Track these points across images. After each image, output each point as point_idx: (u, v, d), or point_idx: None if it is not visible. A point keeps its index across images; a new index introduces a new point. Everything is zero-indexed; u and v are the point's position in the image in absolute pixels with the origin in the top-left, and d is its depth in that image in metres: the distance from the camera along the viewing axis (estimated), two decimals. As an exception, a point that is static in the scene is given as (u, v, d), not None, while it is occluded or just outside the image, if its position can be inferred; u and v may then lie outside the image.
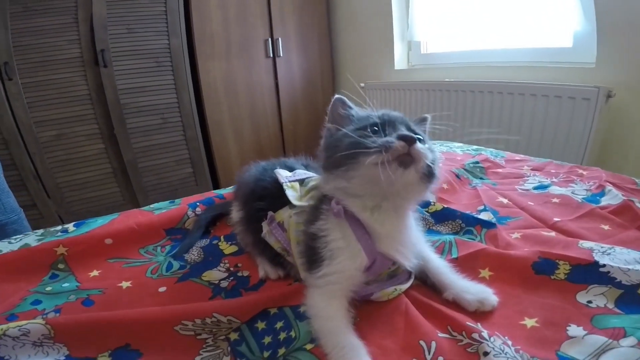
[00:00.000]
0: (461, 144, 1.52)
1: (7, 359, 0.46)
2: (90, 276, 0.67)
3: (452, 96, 1.95)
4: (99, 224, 0.85)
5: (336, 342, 0.45)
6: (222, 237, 0.78)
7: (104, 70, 2.00)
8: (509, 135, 1.73)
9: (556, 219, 0.79)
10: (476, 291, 0.54)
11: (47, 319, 0.51)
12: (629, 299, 0.52)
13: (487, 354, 0.43)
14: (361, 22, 2.54)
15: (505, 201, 0.90)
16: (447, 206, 0.82)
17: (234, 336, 0.54)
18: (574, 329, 0.48)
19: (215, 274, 0.66)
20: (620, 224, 0.77)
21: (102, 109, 2.08)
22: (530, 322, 0.51)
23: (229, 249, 0.74)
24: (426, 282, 0.59)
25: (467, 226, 0.76)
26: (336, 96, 0.55)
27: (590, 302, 0.53)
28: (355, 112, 0.55)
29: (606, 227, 0.77)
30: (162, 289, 0.63)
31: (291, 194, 0.58)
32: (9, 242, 0.78)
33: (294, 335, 0.51)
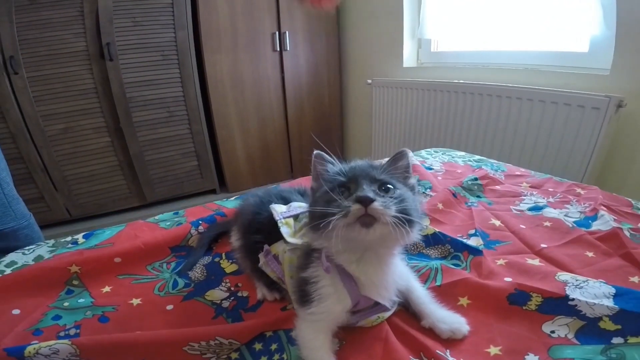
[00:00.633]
0: (463, 154, 1.54)
1: None
2: (102, 292, 0.73)
3: (459, 98, 1.95)
4: (107, 235, 0.91)
5: None
6: (223, 254, 0.83)
7: (110, 63, 2.02)
8: (513, 141, 1.74)
9: (543, 245, 0.83)
10: (451, 321, 0.59)
11: (72, 340, 0.57)
12: (589, 330, 0.57)
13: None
14: (371, 17, 2.51)
15: (497, 223, 0.94)
16: (438, 230, 0.85)
17: (234, 355, 0.60)
18: (531, 358, 0.53)
19: (217, 294, 0.72)
20: (604, 252, 0.80)
21: (108, 103, 2.11)
22: (494, 350, 0.56)
23: (229, 268, 0.79)
24: (408, 309, 0.64)
25: (455, 251, 0.80)
26: (315, 152, 0.57)
27: (553, 332, 0.58)
28: (330, 169, 0.56)
29: (590, 254, 0.80)
30: (170, 307, 0.69)
31: (285, 231, 0.62)
32: (23, 254, 0.83)
33: (286, 358, 0.58)
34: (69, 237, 0.90)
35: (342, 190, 0.51)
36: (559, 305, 0.61)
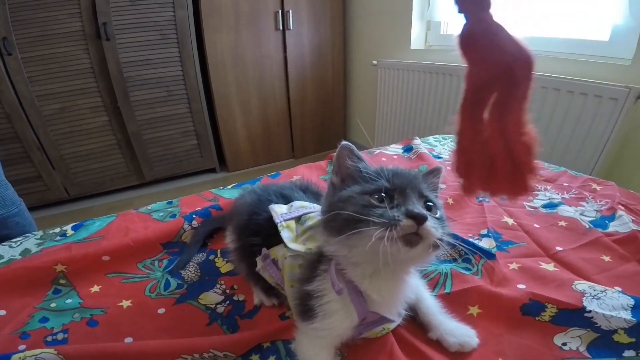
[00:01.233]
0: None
1: None
2: (91, 292, 0.69)
3: (469, 83, 1.87)
4: (97, 227, 0.87)
5: None
6: (218, 252, 0.78)
7: (107, 43, 1.94)
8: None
9: (558, 248, 0.79)
10: (460, 334, 0.56)
11: (58, 348, 0.53)
12: (602, 343, 0.55)
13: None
14: (378, -5, 2.38)
15: (510, 222, 0.89)
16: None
17: (230, 367, 0.56)
18: (540, 372, 0.50)
19: (211, 297, 0.68)
20: (622, 256, 0.77)
21: (105, 82, 2.04)
22: (502, 363, 0.52)
23: (225, 267, 0.75)
24: (415, 319, 0.60)
25: (466, 254, 0.76)
26: (343, 143, 0.49)
27: (564, 344, 0.55)
28: (364, 167, 0.50)
29: (607, 258, 0.76)
30: (161, 311, 0.65)
31: (286, 235, 0.57)
32: (10, 247, 0.80)
33: (284, 371, 0.54)
34: (57, 229, 0.86)
35: (381, 197, 0.46)
36: (574, 316, 0.59)
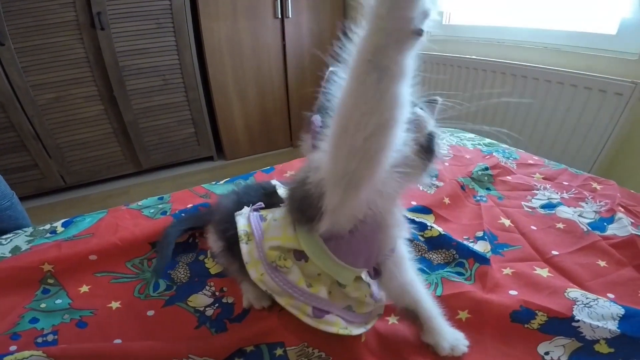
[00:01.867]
0: (473, 136, 1.45)
1: None
2: (80, 292, 0.68)
3: (470, 74, 1.83)
4: (87, 224, 0.85)
5: None
6: (208, 252, 0.77)
7: (102, 32, 1.90)
8: (523, 124, 1.65)
9: (554, 252, 0.78)
10: (451, 338, 0.56)
11: (45, 350, 0.54)
12: (583, 352, 0.56)
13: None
14: (379, -17, 2.31)
15: (507, 223, 0.88)
16: (444, 232, 0.79)
17: (210, 373, 0.55)
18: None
19: (200, 299, 0.67)
20: (618, 261, 0.76)
21: (101, 72, 2.01)
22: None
23: (214, 268, 0.74)
24: (415, 321, 0.59)
25: (460, 258, 0.75)
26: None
27: (547, 353, 0.56)
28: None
29: (603, 263, 0.76)
30: (151, 313, 0.64)
31: (245, 250, 0.55)
32: (0, 244, 0.79)
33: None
34: (48, 225, 0.85)
35: None
36: (561, 325, 0.59)
